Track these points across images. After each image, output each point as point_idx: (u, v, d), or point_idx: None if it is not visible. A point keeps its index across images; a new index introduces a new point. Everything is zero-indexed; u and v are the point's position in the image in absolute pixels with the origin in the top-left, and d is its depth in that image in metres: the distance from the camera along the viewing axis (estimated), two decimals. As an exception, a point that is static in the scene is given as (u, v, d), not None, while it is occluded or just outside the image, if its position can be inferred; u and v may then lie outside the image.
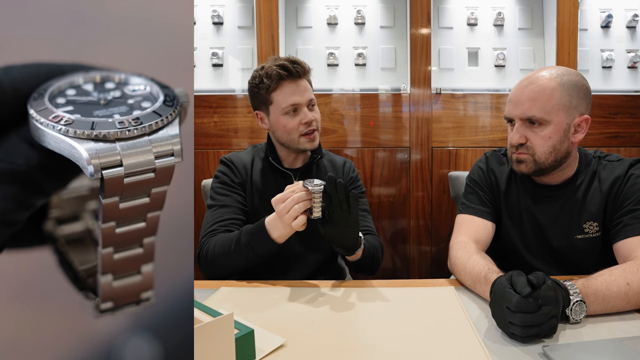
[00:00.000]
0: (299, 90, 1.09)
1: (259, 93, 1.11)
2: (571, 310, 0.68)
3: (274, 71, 1.07)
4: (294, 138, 1.10)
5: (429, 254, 1.89)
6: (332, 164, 1.22)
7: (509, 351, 0.62)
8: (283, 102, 1.08)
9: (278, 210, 0.83)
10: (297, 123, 1.09)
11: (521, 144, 0.93)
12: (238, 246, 0.94)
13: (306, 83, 1.11)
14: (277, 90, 1.08)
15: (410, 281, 0.96)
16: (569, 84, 0.90)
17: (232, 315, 0.54)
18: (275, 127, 1.12)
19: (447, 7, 1.93)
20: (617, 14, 1.89)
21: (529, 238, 1.01)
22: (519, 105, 0.92)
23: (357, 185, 1.23)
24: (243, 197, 1.13)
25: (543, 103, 0.89)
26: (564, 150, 0.92)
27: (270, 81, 1.07)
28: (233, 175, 1.14)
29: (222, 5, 1.91)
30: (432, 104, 1.85)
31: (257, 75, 1.11)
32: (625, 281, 0.72)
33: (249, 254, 0.93)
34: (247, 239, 0.93)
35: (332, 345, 0.65)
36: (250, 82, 1.13)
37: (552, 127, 0.90)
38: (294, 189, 0.82)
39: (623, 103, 1.83)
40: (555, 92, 0.89)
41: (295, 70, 1.07)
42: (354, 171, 1.25)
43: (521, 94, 0.92)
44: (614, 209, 0.94)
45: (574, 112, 0.91)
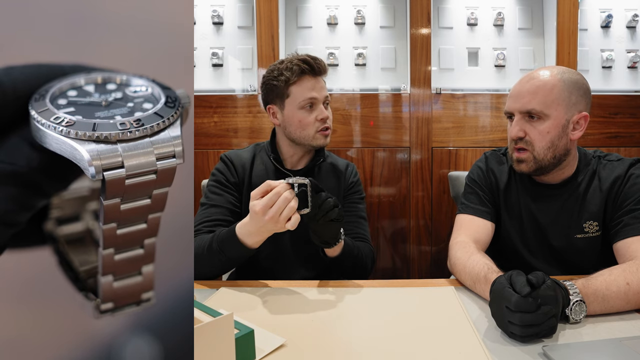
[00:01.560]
0: (318, 86, 1.10)
1: (276, 86, 1.10)
2: (571, 310, 0.68)
3: (296, 64, 1.07)
4: (309, 133, 1.10)
5: (429, 254, 1.89)
6: (334, 167, 1.21)
7: (509, 351, 0.62)
8: (301, 95, 1.08)
9: (269, 216, 0.78)
10: (313, 119, 1.09)
11: (520, 137, 0.93)
12: (210, 251, 0.92)
13: (324, 82, 1.12)
14: (296, 84, 1.08)
15: (410, 281, 0.96)
16: (570, 81, 0.91)
17: (232, 315, 0.54)
18: (289, 121, 1.11)
19: (447, 7, 1.93)
20: (617, 14, 1.89)
21: (528, 237, 1.01)
22: (519, 99, 0.93)
23: (357, 190, 1.22)
24: (236, 198, 1.12)
25: (543, 97, 0.90)
26: (562, 147, 0.93)
27: (291, 74, 1.07)
28: (230, 175, 1.13)
29: (222, 5, 1.91)
30: (432, 104, 1.85)
31: (275, 69, 1.10)
32: (625, 281, 0.72)
33: (222, 258, 0.91)
34: (219, 245, 0.91)
35: (332, 345, 0.65)
36: (267, 75, 1.12)
37: (551, 121, 0.91)
38: (278, 190, 0.79)
39: (623, 103, 1.83)
40: (556, 87, 0.90)
41: (317, 66, 1.08)
42: (355, 175, 1.24)
43: (522, 88, 0.93)
44: (614, 209, 0.94)
45: (573, 109, 0.92)
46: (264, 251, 1.10)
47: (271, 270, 1.12)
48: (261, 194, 0.80)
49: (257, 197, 0.81)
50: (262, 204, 0.79)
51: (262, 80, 1.14)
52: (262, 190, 0.80)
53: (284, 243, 1.11)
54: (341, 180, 1.20)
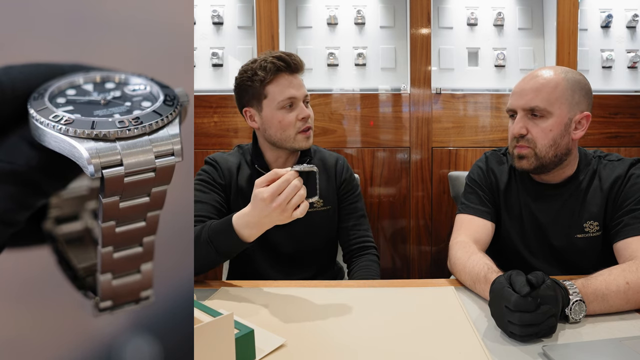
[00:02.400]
0: (296, 84, 1.04)
1: (251, 87, 1.04)
2: (570, 309, 0.68)
3: (270, 62, 1.01)
4: (290, 135, 1.05)
5: (429, 254, 1.89)
6: (323, 164, 1.16)
7: (509, 351, 0.62)
8: (280, 95, 1.02)
9: (277, 203, 0.75)
10: (294, 118, 1.04)
11: (522, 135, 0.93)
12: (198, 242, 0.86)
13: (301, 80, 1.07)
14: (272, 83, 1.03)
15: (410, 281, 0.96)
16: (573, 80, 0.92)
17: (232, 315, 0.54)
18: (268, 123, 1.05)
19: (447, 7, 1.93)
20: (617, 14, 1.89)
21: (529, 237, 1.01)
22: (522, 96, 0.93)
23: (351, 188, 1.17)
24: (222, 198, 1.07)
25: (547, 94, 0.90)
26: (564, 146, 0.93)
27: (265, 73, 1.01)
28: (217, 176, 1.09)
29: (222, 5, 1.91)
30: (432, 104, 1.85)
31: (249, 68, 1.04)
32: (625, 280, 0.72)
33: (210, 251, 0.86)
34: (210, 236, 0.86)
35: (332, 345, 0.65)
36: (240, 77, 1.07)
37: (554, 119, 0.91)
38: (287, 177, 0.75)
39: (623, 103, 1.83)
40: (559, 86, 0.90)
41: (292, 62, 1.03)
42: (348, 171, 1.18)
43: (525, 85, 0.94)
44: (614, 209, 0.94)
45: (576, 108, 0.92)
46: (262, 251, 1.10)
47: (269, 270, 1.11)
48: (267, 182, 0.76)
49: (262, 184, 0.77)
50: (270, 191, 0.74)
51: (235, 82, 1.09)
52: (269, 178, 0.76)
53: (283, 242, 1.11)
54: (331, 178, 1.15)
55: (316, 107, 1.85)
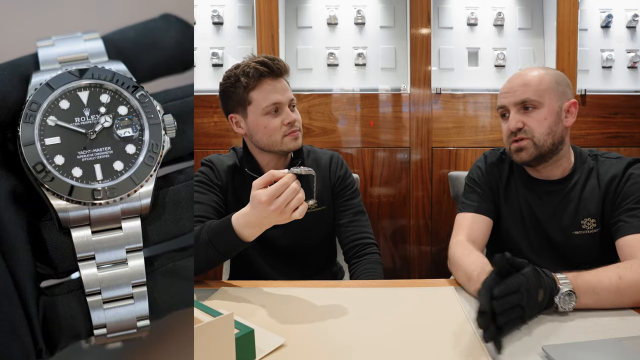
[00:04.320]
0: (281, 88, 1.02)
1: (234, 93, 1.03)
2: (560, 298, 0.69)
3: (252, 68, 1.00)
4: (277, 139, 1.03)
5: (429, 254, 1.89)
6: (317, 164, 1.14)
7: (509, 351, 0.62)
8: (264, 101, 1.01)
9: (275, 206, 0.74)
10: (279, 123, 1.02)
11: (519, 128, 0.96)
12: (197, 242, 0.85)
13: (286, 83, 1.05)
14: (256, 89, 1.01)
15: (410, 281, 0.96)
16: (554, 74, 0.98)
17: (232, 315, 0.54)
18: (254, 129, 1.04)
19: (447, 7, 1.93)
20: (617, 14, 1.89)
21: (529, 234, 1.02)
22: (512, 93, 0.97)
23: (347, 185, 1.15)
24: (221, 199, 1.06)
25: (535, 87, 0.95)
26: (559, 134, 0.96)
27: (248, 79, 1.00)
28: (214, 177, 1.08)
29: (222, 5, 1.91)
30: (432, 104, 1.85)
31: (232, 75, 1.03)
32: (618, 275, 0.73)
33: (209, 251, 0.85)
34: (209, 236, 0.85)
35: (332, 345, 0.65)
36: (224, 83, 1.05)
37: (546, 109, 0.94)
38: (285, 181, 0.74)
39: (623, 103, 1.83)
40: (544, 79, 0.96)
41: (275, 67, 1.01)
42: (342, 167, 1.16)
43: (512, 83, 0.98)
44: (612, 208, 0.94)
45: (563, 97, 0.96)
46: (260, 251, 1.10)
47: (268, 270, 1.11)
48: (264, 183, 0.76)
49: (260, 186, 0.76)
50: (268, 194, 0.73)
51: (219, 89, 1.07)
52: (266, 179, 0.76)
53: (277, 236, 1.09)
54: (326, 177, 1.14)
55: (316, 107, 1.85)
